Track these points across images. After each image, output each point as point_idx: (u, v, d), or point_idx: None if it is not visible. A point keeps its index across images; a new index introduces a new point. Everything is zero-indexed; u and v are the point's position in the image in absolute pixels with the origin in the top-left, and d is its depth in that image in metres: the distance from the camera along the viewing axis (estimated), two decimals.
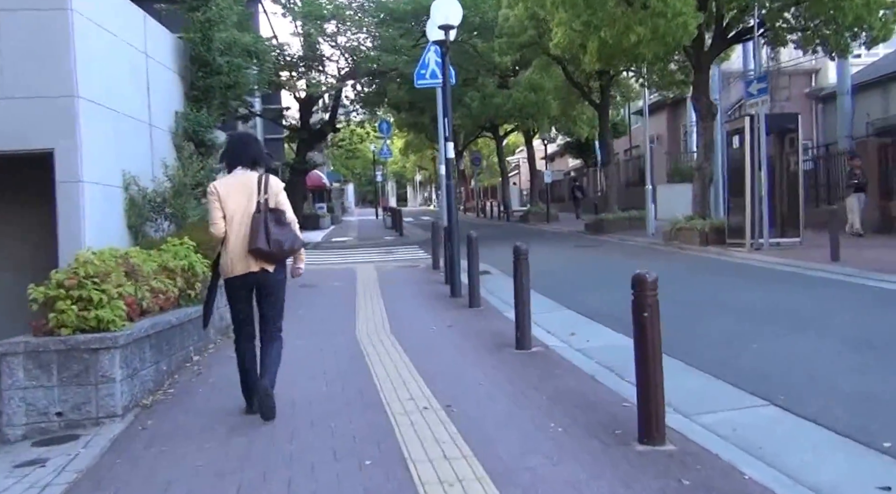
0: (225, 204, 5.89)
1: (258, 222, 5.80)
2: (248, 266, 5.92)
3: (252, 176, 5.99)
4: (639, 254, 18.90)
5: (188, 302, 8.77)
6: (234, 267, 5.95)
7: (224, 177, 6.22)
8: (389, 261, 20.37)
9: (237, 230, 5.88)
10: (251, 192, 5.90)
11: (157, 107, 11.41)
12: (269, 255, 5.87)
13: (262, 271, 5.96)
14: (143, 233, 10.36)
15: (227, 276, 6.05)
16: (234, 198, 5.89)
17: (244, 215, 5.86)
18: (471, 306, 11.03)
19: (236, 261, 5.92)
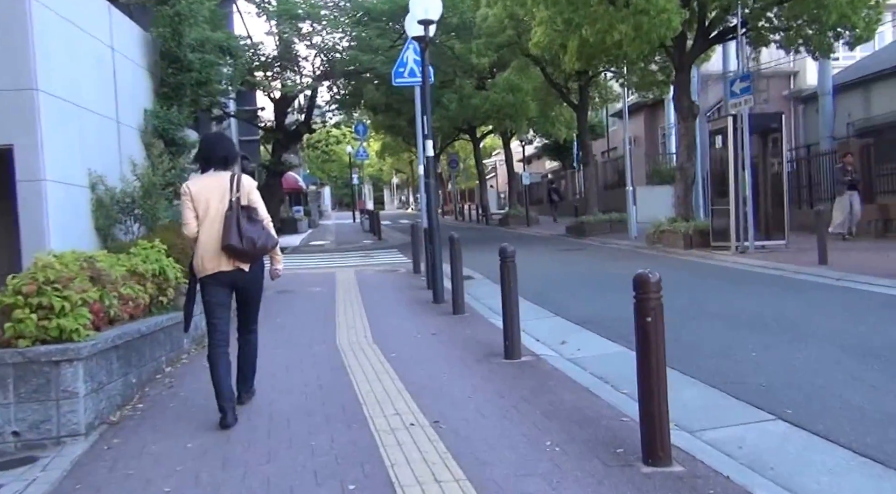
0: (197, 203, 5.87)
1: (230, 220, 5.79)
2: (221, 264, 5.90)
3: (224, 175, 5.96)
4: (622, 258, 18.57)
5: (160, 309, 8.34)
6: (206, 266, 5.92)
7: (197, 177, 6.19)
8: (369, 266, 19.95)
9: (209, 228, 5.86)
10: (224, 191, 5.87)
11: (126, 103, 10.95)
12: (242, 253, 5.84)
13: (237, 270, 5.94)
14: (111, 235, 9.91)
15: (201, 275, 6.01)
16: (207, 198, 5.87)
17: (217, 214, 5.84)
18: (455, 312, 10.62)
19: (209, 260, 5.90)
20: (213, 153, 6.05)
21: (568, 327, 9.66)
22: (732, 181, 16.97)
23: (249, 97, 32.32)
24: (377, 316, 10.88)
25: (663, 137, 42.37)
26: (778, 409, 5.70)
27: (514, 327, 7.55)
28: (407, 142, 65.67)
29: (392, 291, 13.83)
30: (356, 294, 13.46)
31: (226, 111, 26.94)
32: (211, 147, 6.14)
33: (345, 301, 12.58)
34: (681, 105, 20.23)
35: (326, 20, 26.22)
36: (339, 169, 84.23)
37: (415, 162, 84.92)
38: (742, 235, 16.86)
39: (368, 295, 13.25)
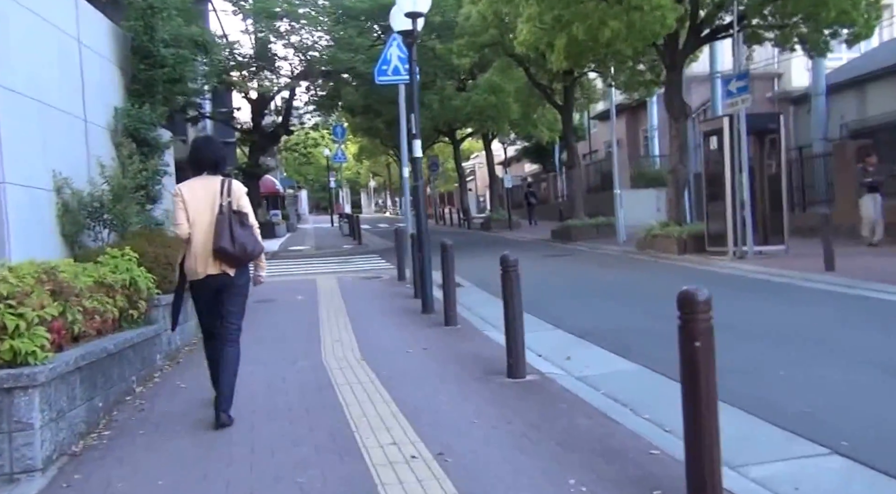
0: (189, 206, 5.93)
1: (222, 223, 5.85)
2: (209, 268, 5.94)
3: (215, 179, 6.04)
4: (614, 264, 18.00)
5: (130, 324, 7.66)
6: (197, 269, 5.99)
7: (189, 181, 6.17)
8: (350, 272, 19.26)
9: (200, 232, 5.91)
10: (214, 195, 5.94)
11: (94, 101, 10.25)
12: (233, 257, 5.89)
13: (224, 274, 5.98)
14: (79, 242, 9.21)
15: (191, 279, 6.11)
16: (199, 201, 5.93)
17: (207, 218, 5.90)
18: (447, 324, 9.97)
19: (198, 263, 5.96)
20: (204, 156, 6.13)
21: (569, 340, 9.03)
22: (728, 184, 16.43)
23: (225, 98, 31.55)
24: (364, 328, 10.22)
25: (645, 140, 42.04)
26: (831, 441, 5.03)
27: (517, 343, 6.90)
28: (385, 144, 65.00)
29: (377, 300, 13.17)
30: (340, 303, 12.79)
31: (201, 112, 26.23)
32: (202, 150, 6.20)
33: (328, 311, 11.91)
34: (672, 105, 19.69)
35: (305, 18, 25.48)
36: (315, 172, 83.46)
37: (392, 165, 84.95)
38: (740, 240, 16.31)
39: (353, 304, 12.59)
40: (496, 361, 7.58)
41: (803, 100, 26.28)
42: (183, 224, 5.96)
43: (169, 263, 8.93)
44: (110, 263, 7.70)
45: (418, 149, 11.67)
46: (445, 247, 10.00)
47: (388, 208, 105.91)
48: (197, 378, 7.62)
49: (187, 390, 7.18)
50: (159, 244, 9.21)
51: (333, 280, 16.81)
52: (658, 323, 9.51)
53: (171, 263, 8.90)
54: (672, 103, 19.65)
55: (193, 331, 10.03)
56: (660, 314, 10.20)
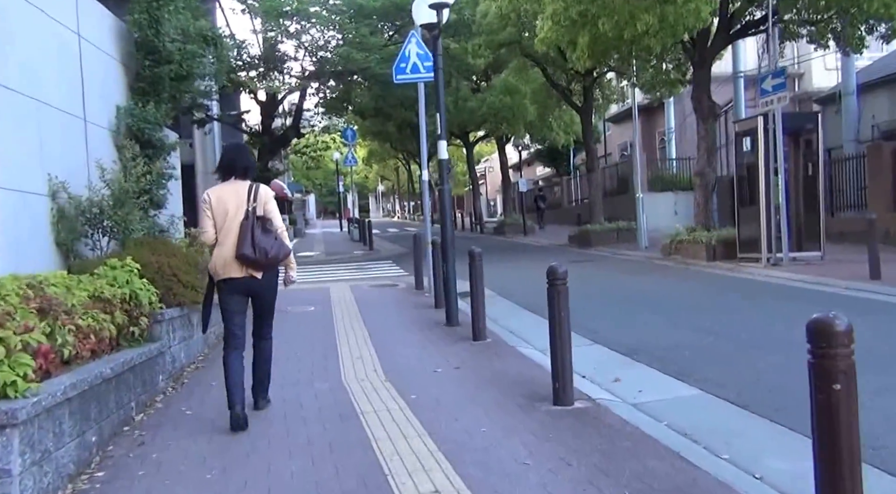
0: (216, 211, 6.08)
1: (245, 229, 5.98)
2: (234, 271, 6.06)
3: (243, 184, 6.18)
4: (642, 271, 17.17)
5: (131, 342, 6.91)
6: (219, 271, 6.11)
7: (217, 186, 6.30)
8: (364, 280, 18.48)
9: (226, 237, 6.04)
10: (241, 201, 6.08)
11: (95, 99, 9.49)
12: (255, 262, 6.01)
13: (251, 277, 6.10)
14: (75, 252, 8.44)
15: (216, 279, 6.18)
16: (225, 206, 6.07)
17: (233, 222, 6.03)
18: (475, 339, 9.18)
19: (224, 266, 6.08)
20: (234, 163, 6.27)
21: (614, 359, 8.21)
22: (763, 186, 15.62)
23: (233, 100, 30.81)
24: (385, 343, 9.43)
25: (661, 142, 41.24)
26: None
27: (565, 367, 6.11)
28: (394, 148, 64.44)
29: (396, 311, 12.38)
30: (356, 314, 12.02)
31: (209, 114, 25.46)
32: (233, 157, 6.36)
33: (345, 323, 11.13)
34: (701, 105, 18.88)
35: (316, 17, 24.68)
36: (323, 176, 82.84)
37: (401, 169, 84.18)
38: (774, 246, 15.49)
39: (370, 315, 11.81)
40: (538, 384, 6.81)
41: (830, 100, 25.40)
42: (209, 231, 6.16)
43: (174, 274, 8.20)
44: (108, 275, 6.94)
45: (444, 150, 10.90)
46: (474, 255, 9.21)
47: (397, 213, 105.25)
48: (203, 402, 6.86)
49: (194, 417, 6.40)
50: (163, 253, 8.45)
51: (347, 288, 16.04)
52: (707, 339, 8.75)
53: (175, 274, 8.19)
54: (701, 103, 18.84)
55: (199, 347, 9.28)
56: (706, 328, 9.44)
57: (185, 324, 8.56)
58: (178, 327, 8.27)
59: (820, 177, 16.35)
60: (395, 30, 27.44)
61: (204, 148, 33.25)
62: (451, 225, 10.63)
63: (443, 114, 10.84)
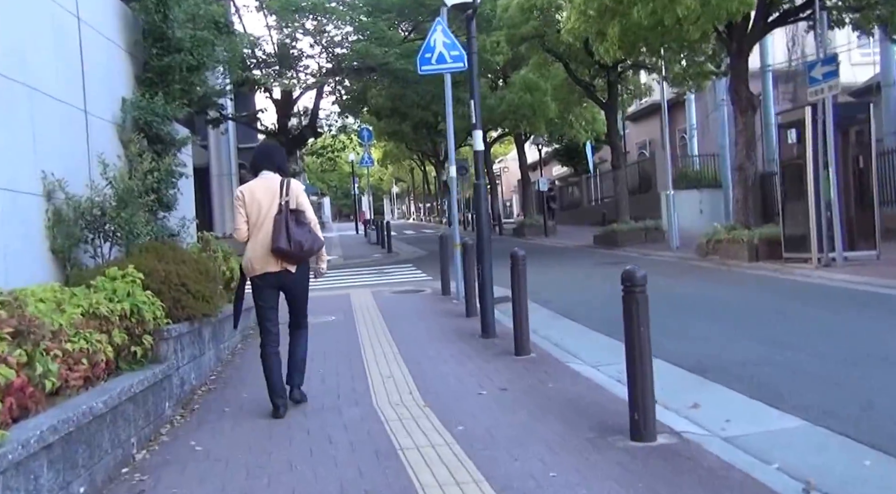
0: (249, 207, 6.21)
1: (279, 223, 6.07)
2: (269, 265, 6.19)
3: (275, 179, 6.30)
4: (682, 274, 16.15)
5: (132, 364, 5.99)
6: (255, 267, 6.25)
7: (249, 182, 6.43)
8: (385, 285, 17.53)
9: (260, 231, 6.15)
10: (274, 195, 6.18)
11: (97, 89, 8.59)
12: (290, 255, 6.11)
13: (285, 271, 6.22)
14: (74, 259, 7.53)
15: (250, 275, 6.32)
16: (259, 202, 6.19)
17: (267, 217, 6.13)
18: (518, 353, 8.21)
19: (258, 261, 6.21)
20: (266, 160, 6.46)
21: (684, 378, 7.21)
22: (811, 181, 14.60)
23: (248, 100, 29.97)
24: (417, 358, 8.49)
25: (682, 140, 40.29)
26: None
27: (646, 394, 5.13)
28: (410, 148, 63.64)
29: (424, 320, 11.43)
30: (381, 324, 11.08)
31: (223, 113, 24.61)
32: (265, 154, 6.60)
33: (370, 335, 10.19)
34: (739, 96, 17.87)
35: (333, 13, 23.75)
36: (338, 178, 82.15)
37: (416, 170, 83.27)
38: (826, 245, 14.47)
39: (397, 326, 10.86)
40: (605, 411, 5.87)
41: (867, 92, 24.33)
42: (242, 227, 6.25)
43: (183, 284, 7.28)
44: (106, 288, 6.03)
45: (480, 140, 9.96)
46: (516, 258, 8.24)
47: (412, 214, 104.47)
48: (215, 434, 5.93)
49: (204, 454, 5.45)
50: (172, 260, 7.54)
51: (368, 294, 15.11)
52: (785, 354, 7.75)
53: (185, 284, 7.27)
54: (739, 94, 17.84)
55: (212, 364, 8.37)
56: (778, 340, 8.46)
57: (195, 341, 7.64)
58: (188, 344, 7.35)
59: (873, 171, 15.30)
60: (414, 26, 26.55)
61: (219, 149, 32.44)
62: (487, 224, 9.67)
63: (478, 102, 9.94)
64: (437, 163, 62.36)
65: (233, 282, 10.56)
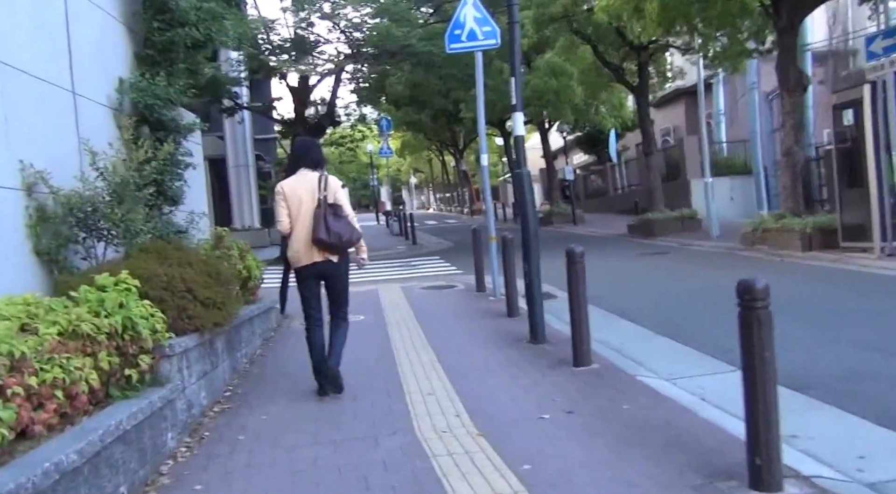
0: (290, 202, 6.50)
1: (319, 216, 6.40)
2: (312, 256, 6.52)
3: (314, 175, 6.59)
4: (731, 265, 14.98)
5: (125, 391, 4.95)
6: (300, 258, 6.57)
7: (289, 178, 6.68)
8: (413, 279, 16.46)
9: (301, 225, 6.48)
10: (313, 190, 6.50)
11: (88, 68, 7.53)
12: (330, 246, 6.45)
13: (327, 261, 6.55)
14: (62, 263, 6.49)
15: (295, 266, 6.63)
16: (299, 196, 6.49)
17: (307, 211, 6.45)
18: (577, 364, 7.10)
19: (302, 253, 6.54)
20: (305, 156, 6.74)
21: (784, 397, 6.02)
22: (872, 166, 13.40)
23: (264, 89, 28.95)
24: (460, 368, 7.39)
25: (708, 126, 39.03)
26: None
27: (771, 436, 4.02)
28: (428, 138, 62.52)
29: (462, 320, 10.33)
30: (415, 327, 10.00)
31: (237, 102, 23.59)
32: (306, 151, 6.86)
33: (404, 339, 9.12)
34: (787, 75, 16.64)
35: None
36: (356, 170, 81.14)
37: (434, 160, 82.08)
38: (890, 234, 13.28)
39: (432, 327, 9.79)
40: (701, 445, 4.77)
41: None
42: (284, 220, 6.52)
43: (189, 290, 6.23)
44: (91, 299, 4.96)
45: (520, 124, 8.84)
46: (573, 254, 7.13)
47: (431, 205, 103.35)
48: (226, 477, 4.84)
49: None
50: (176, 261, 6.49)
51: (397, 290, 14.03)
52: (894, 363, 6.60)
53: (191, 289, 6.22)
54: (787, 73, 16.60)
55: (227, 377, 7.33)
56: (879, 346, 7.36)
57: (205, 354, 6.59)
58: (196, 360, 6.30)
59: None
60: (436, 8, 25.38)
61: (235, 140, 31.49)
62: (534, 217, 8.54)
63: (519, 79, 8.86)
64: (457, 153, 61.23)
65: (250, 282, 9.61)
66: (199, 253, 7.47)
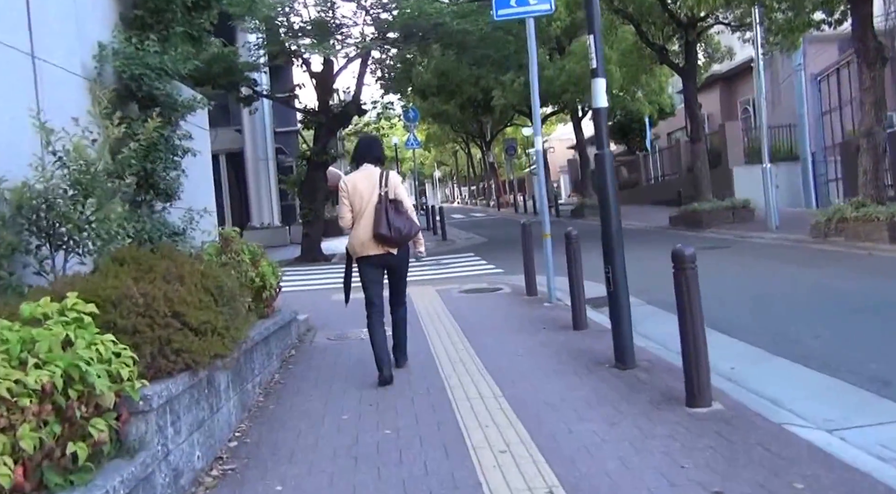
0: (352, 197, 6.74)
1: (380, 211, 6.61)
2: (372, 249, 6.71)
3: (375, 171, 6.83)
4: (809, 261, 13.23)
5: (69, 478, 3.28)
6: (360, 251, 6.79)
7: (352, 174, 7.04)
8: (450, 280, 14.76)
9: (363, 219, 6.68)
10: (374, 185, 6.71)
11: (54, 25, 5.90)
12: (390, 240, 6.64)
13: (387, 254, 6.76)
14: (5, 281, 4.82)
15: (356, 257, 6.86)
16: (361, 192, 6.73)
17: (368, 206, 6.66)
18: (693, 404, 5.34)
19: (363, 246, 6.75)
20: (367, 153, 7.00)
21: None
22: None
23: (285, 79, 27.28)
24: (536, 410, 5.63)
25: (744, 112, 37.20)
26: None
27: None
28: (454, 130, 60.80)
29: (519, 335, 8.58)
30: (462, 342, 8.31)
31: (256, 90, 21.93)
32: (366, 148, 7.09)
33: (453, 362, 7.42)
34: (865, 46, 14.85)
35: None
36: None
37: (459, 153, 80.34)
38: None
39: (485, 345, 8.07)
40: None
41: None
42: (346, 216, 6.78)
43: (176, 314, 4.57)
44: (10, 340, 3.30)
45: (602, 94, 7.07)
46: (682, 258, 5.41)
47: (457, 198, 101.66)
48: None
49: None
50: (161, 276, 4.83)
51: (433, 293, 12.33)
52: None
53: (179, 313, 4.55)
54: (865, 44, 14.81)
55: (233, 421, 5.66)
56: None
57: (200, 398, 4.92)
58: (186, 408, 4.64)
59: None
60: None
61: (254, 132, 29.80)
62: (616, 207, 6.78)
63: (599, 39, 7.13)
64: (483, 144, 59.48)
65: (265, 292, 7.94)
66: (197, 261, 5.78)
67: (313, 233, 21.85)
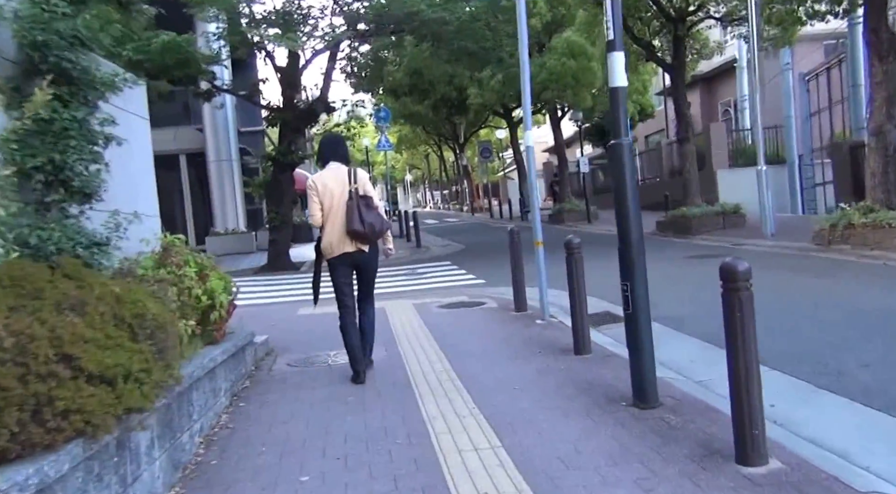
0: (322, 196, 6.78)
1: (352, 208, 6.68)
2: (346, 246, 6.77)
3: (342, 169, 6.94)
4: (820, 271, 12.15)
5: None
6: (334, 249, 6.81)
7: (319, 173, 7.03)
8: (426, 291, 13.53)
9: (335, 217, 6.75)
10: (344, 183, 6.81)
11: None
12: (364, 236, 6.73)
13: (359, 251, 6.83)
14: None
15: (329, 257, 6.87)
16: (332, 190, 6.78)
17: (340, 203, 6.73)
18: (747, 462, 4.15)
19: (336, 244, 6.78)
20: (333, 151, 7.12)
21: None
22: None
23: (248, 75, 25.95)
24: (547, 470, 4.40)
25: (725, 114, 36.41)
26: None
27: None
28: (427, 132, 59.51)
29: (515, 362, 7.33)
30: (445, 370, 7.08)
31: (215, 84, 20.57)
32: (334, 146, 7.22)
33: (434, 393, 6.20)
34: (877, 37, 13.78)
35: None
36: None
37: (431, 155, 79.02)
38: None
39: (475, 375, 6.83)
40: None
41: None
42: (317, 214, 6.81)
43: (67, 355, 3.30)
44: None
45: (622, 73, 5.81)
46: (735, 274, 4.25)
47: (429, 203, 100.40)
48: None
49: None
50: (54, 303, 3.56)
51: (410, 309, 11.09)
52: None
53: (71, 357, 3.30)
54: (878, 35, 13.75)
55: (162, 485, 4.38)
56: None
57: (102, 472, 3.64)
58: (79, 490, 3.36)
59: None
60: None
61: (216, 132, 28.29)
62: (637, 212, 5.59)
63: (617, 15, 5.92)
64: (457, 147, 58.18)
65: (213, 314, 6.63)
66: (112, 282, 4.49)
67: (281, 240, 20.44)
